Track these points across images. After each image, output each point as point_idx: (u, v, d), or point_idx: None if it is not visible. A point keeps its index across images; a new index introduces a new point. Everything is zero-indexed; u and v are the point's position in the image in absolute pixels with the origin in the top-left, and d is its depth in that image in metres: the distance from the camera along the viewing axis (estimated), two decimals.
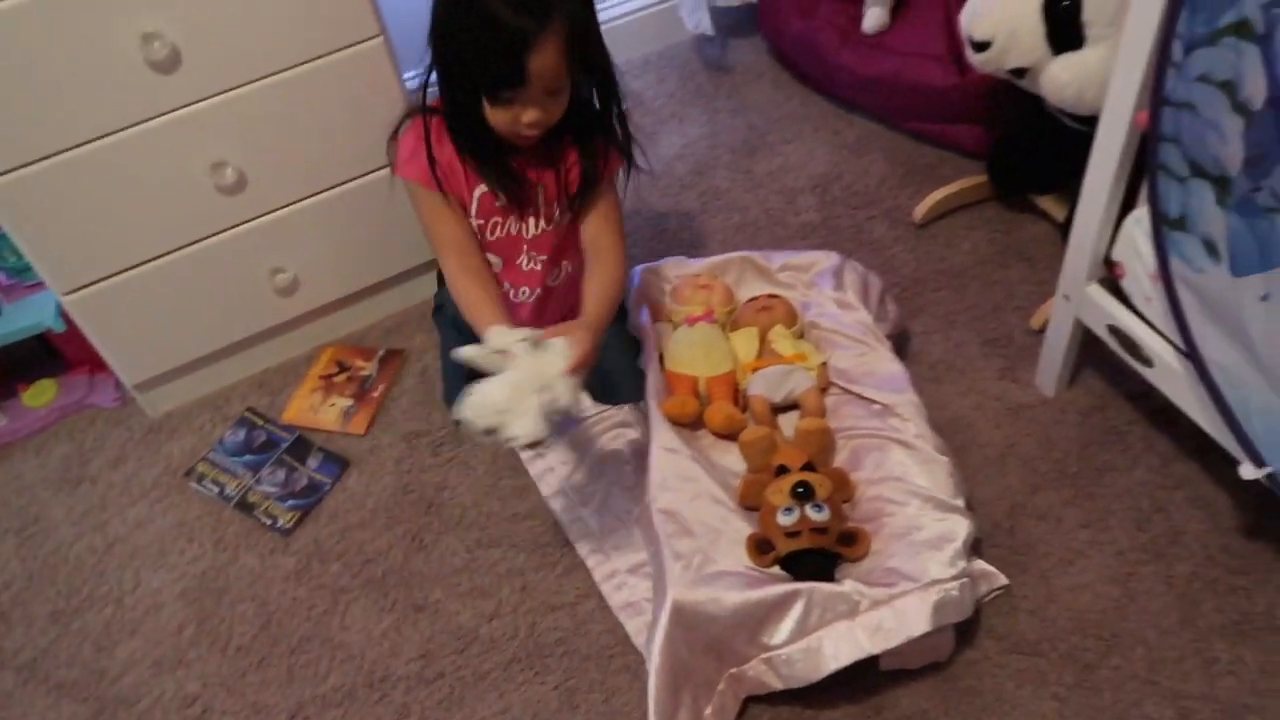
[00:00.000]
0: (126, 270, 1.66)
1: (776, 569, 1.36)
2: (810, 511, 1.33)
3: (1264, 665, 1.33)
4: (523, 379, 1.16)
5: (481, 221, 1.49)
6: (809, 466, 1.39)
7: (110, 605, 1.59)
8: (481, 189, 1.45)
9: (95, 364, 1.92)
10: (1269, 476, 1.25)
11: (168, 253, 1.67)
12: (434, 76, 1.38)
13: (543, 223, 1.51)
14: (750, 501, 1.42)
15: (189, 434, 1.83)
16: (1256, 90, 1.05)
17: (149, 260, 1.66)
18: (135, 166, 1.55)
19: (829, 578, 1.33)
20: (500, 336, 1.21)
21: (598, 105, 1.44)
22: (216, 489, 1.72)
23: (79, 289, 1.64)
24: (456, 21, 1.26)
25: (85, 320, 1.70)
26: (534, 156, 1.45)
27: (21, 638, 1.56)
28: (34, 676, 1.51)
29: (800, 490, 1.34)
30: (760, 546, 1.35)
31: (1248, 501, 1.49)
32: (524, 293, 1.58)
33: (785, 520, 1.32)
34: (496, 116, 1.33)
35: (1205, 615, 1.39)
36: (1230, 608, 1.39)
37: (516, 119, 1.32)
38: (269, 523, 1.66)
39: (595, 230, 1.51)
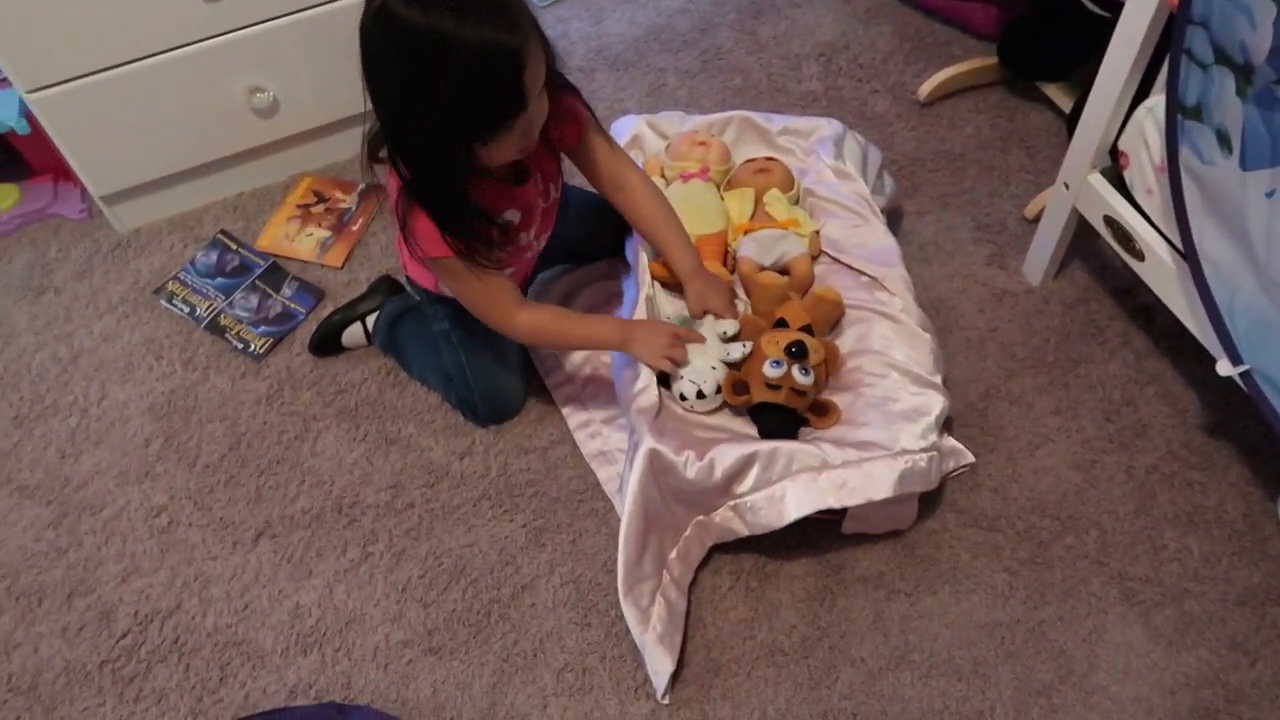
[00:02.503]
0: (97, 72, 1.57)
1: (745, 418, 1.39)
2: (797, 373, 1.33)
3: (1208, 555, 1.38)
4: (707, 351, 1.39)
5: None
6: (808, 329, 1.38)
7: (75, 415, 1.57)
8: (504, 218, 1.30)
9: (60, 172, 1.84)
10: (1243, 375, 1.26)
11: (142, 58, 1.59)
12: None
13: (541, 206, 1.37)
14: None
15: (158, 252, 1.77)
16: None
17: (122, 64, 1.58)
18: None
19: (792, 437, 1.35)
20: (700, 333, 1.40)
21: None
22: (187, 309, 1.68)
23: (45, 88, 1.56)
24: (436, 69, 1.05)
25: (51, 123, 1.61)
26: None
27: None
28: None
29: (794, 349, 1.33)
30: (737, 387, 1.36)
31: (1214, 401, 1.52)
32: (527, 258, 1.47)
33: (771, 372, 1.33)
34: (499, 149, 1.16)
35: (1159, 505, 1.43)
36: (1184, 500, 1.43)
37: (522, 137, 1.17)
38: (241, 347, 1.63)
39: (613, 170, 1.40)
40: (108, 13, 1.51)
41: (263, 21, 1.62)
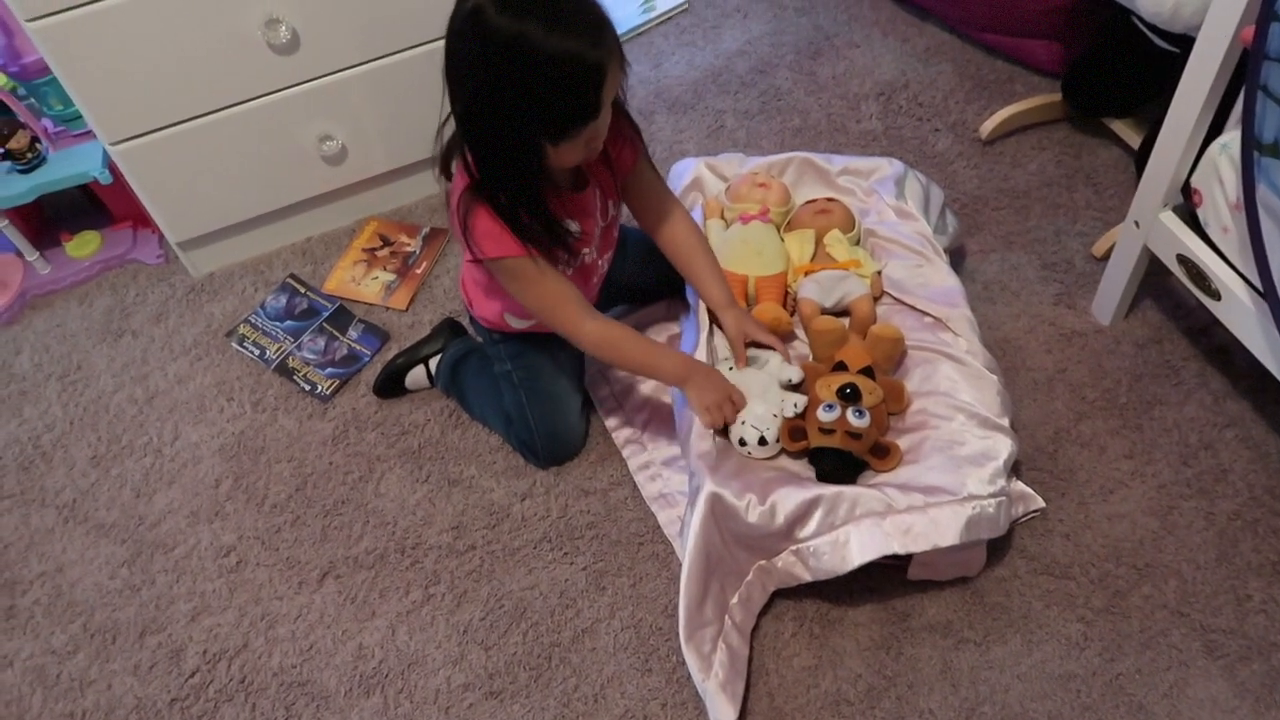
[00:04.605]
0: (176, 124, 1.63)
1: (804, 461, 1.38)
2: (850, 415, 1.31)
3: None
4: (769, 398, 1.38)
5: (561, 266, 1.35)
6: (868, 370, 1.37)
7: (150, 455, 1.61)
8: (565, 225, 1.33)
9: (140, 219, 1.91)
10: None
11: (218, 110, 1.65)
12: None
13: (600, 223, 1.39)
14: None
15: (231, 296, 1.83)
16: None
17: (199, 116, 1.64)
18: (189, 15, 1.52)
19: (850, 481, 1.33)
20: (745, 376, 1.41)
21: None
22: (257, 351, 1.73)
23: (127, 140, 1.62)
24: (518, 74, 1.10)
25: (132, 173, 1.68)
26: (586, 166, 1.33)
27: (63, 479, 1.59)
28: (74, 516, 1.55)
29: (847, 392, 1.32)
30: (794, 434, 1.35)
31: None
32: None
33: (824, 416, 1.31)
34: (565, 153, 1.20)
35: (1243, 554, 1.37)
36: (1270, 548, 1.38)
37: (587, 145, 1.21)
38: (308, 388, 1.67)
39: (658, 202, 1.44)
40: (186, 68, 1.57)
41: (333, 73, 1.68)
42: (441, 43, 1.72)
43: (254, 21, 1.56)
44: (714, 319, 1.47)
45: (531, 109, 1.13)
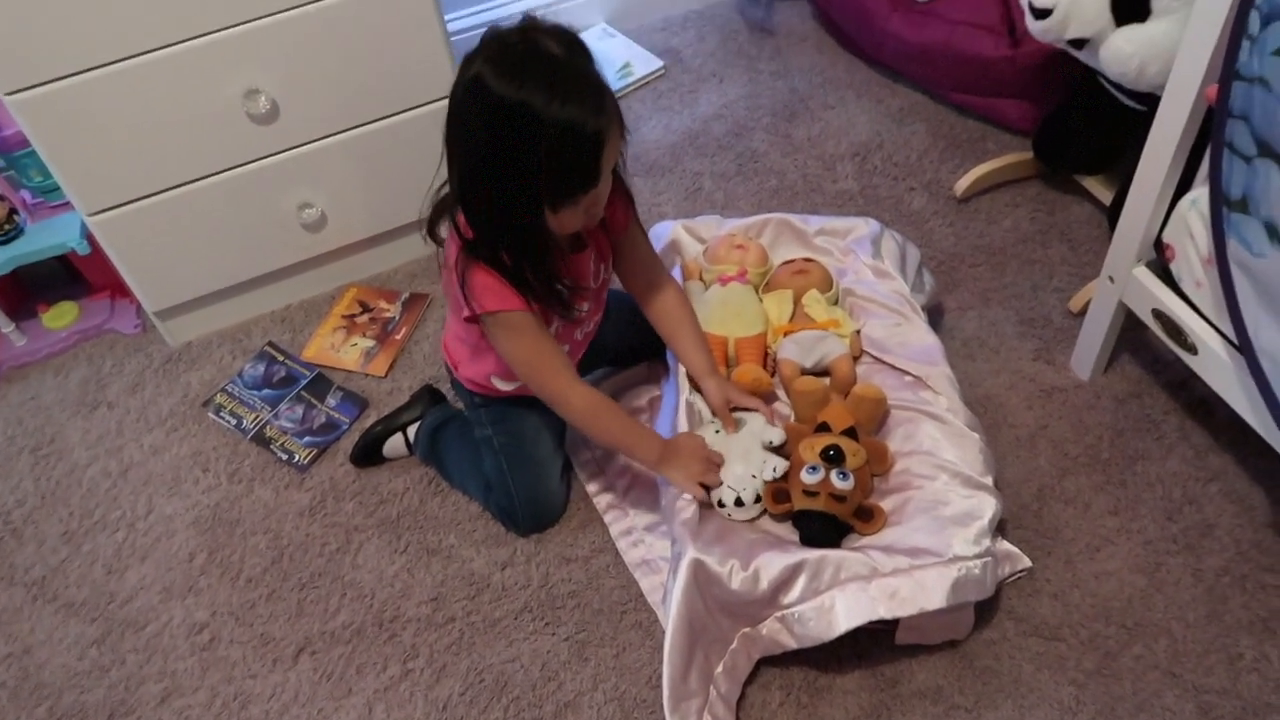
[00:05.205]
0: (154, 195, 1.63)
1: (788, 524, 1.36)
2: (834, 477, 1.30)
3: None
4: (750, 459, 1.37)
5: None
6: (851, 431, 1.36)
7: (122, 529, 1.58)
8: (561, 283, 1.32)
9: (117, 289, 1.90)
10: None
11: (196, 179, 1.65)
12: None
13: (593, 285, 1.39)
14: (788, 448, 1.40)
15: (208, 365, 1.81)
16: None
17: (177, 186, 1.64)
18: (167, 87, 1.52)
19: (834, 545, 1.31)
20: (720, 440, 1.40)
21: None
22: (234, 421, 1.71)
23: (105, 211, 1.62)
24: (519, 142, 1.10)
25: (110, 243, 1.67)
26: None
27: (33, 555, 1.56)
28: (43, 594, 1.51)
29: (830, 453, 1.31)
30: (778, 496, 1.34)
31: None
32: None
33: (808, 478, 1.30)
34: (566, 219, 1.20)
35: (1233, 610, 1.36)
36: (1259, 604, 1.36)
37: (586, 212, 1.21)
38: (285, 458, 1.65)
39: (649, 268, 1.45)
40: (165, 139, 1.57)
41: (312, 141, 1.68)
42: (420, 110, 1.76)
43: (233, 92, 1.57)
44: (695, 385, 1.47)
45: (531, 176, 1.13)
